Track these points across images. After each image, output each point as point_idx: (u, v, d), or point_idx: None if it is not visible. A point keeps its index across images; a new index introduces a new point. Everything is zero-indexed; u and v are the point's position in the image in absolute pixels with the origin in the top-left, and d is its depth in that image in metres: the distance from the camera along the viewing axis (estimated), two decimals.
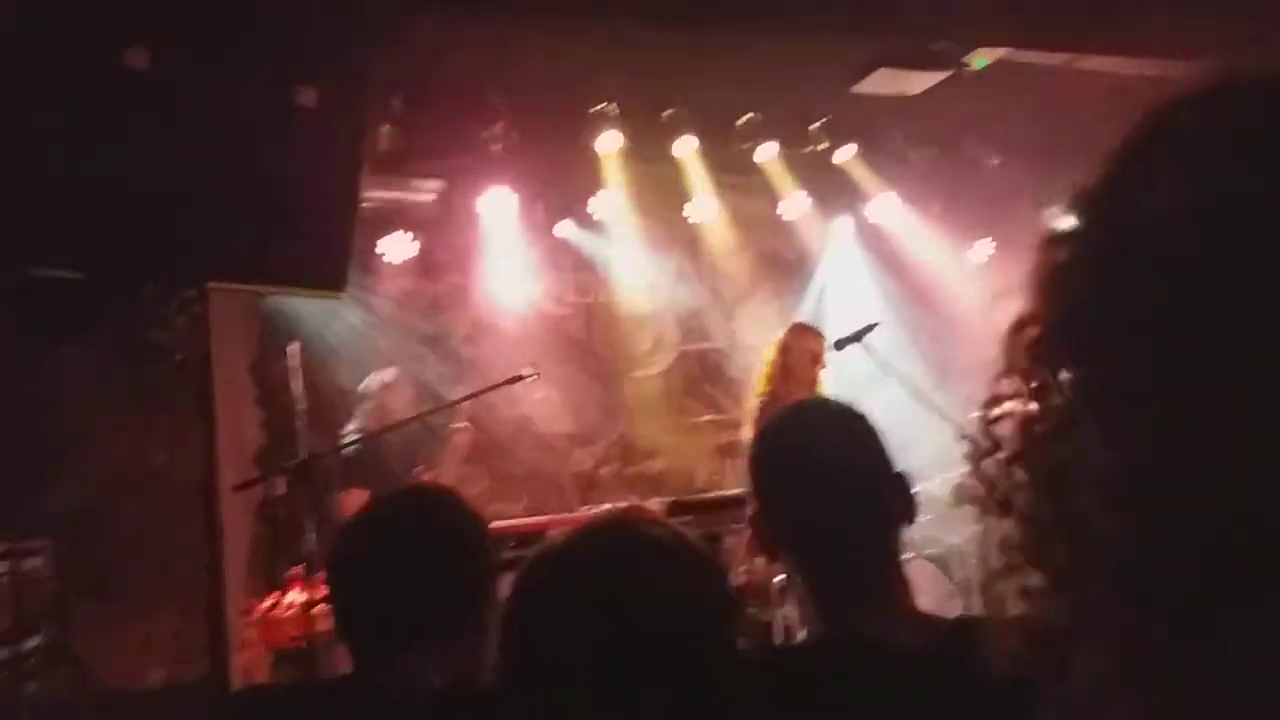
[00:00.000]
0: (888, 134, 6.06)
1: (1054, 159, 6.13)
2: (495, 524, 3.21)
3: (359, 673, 1.50)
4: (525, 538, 3.10)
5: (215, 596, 3.69)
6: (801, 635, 1.72)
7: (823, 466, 1.40)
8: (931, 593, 4.58)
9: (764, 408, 4.29)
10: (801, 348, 4.34)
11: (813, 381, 4.30)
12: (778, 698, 1.27)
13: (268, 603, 3.64)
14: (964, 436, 4.09)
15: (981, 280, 6.42)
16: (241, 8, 3.61)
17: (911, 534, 1.49)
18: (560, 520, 4.49)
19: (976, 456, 0.60)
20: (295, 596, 3.55)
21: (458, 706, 1.44)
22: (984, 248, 6.50)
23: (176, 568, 4.18)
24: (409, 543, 1.53)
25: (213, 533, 4.02)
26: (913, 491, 1.43)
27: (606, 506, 4.71)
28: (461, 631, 1.51)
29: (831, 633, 1.36)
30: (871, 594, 1.36)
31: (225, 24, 3.58)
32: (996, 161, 6.23)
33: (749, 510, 1.50)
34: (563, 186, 5.84)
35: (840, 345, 4.26)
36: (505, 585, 1.20)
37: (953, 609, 4.35)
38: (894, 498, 1.42)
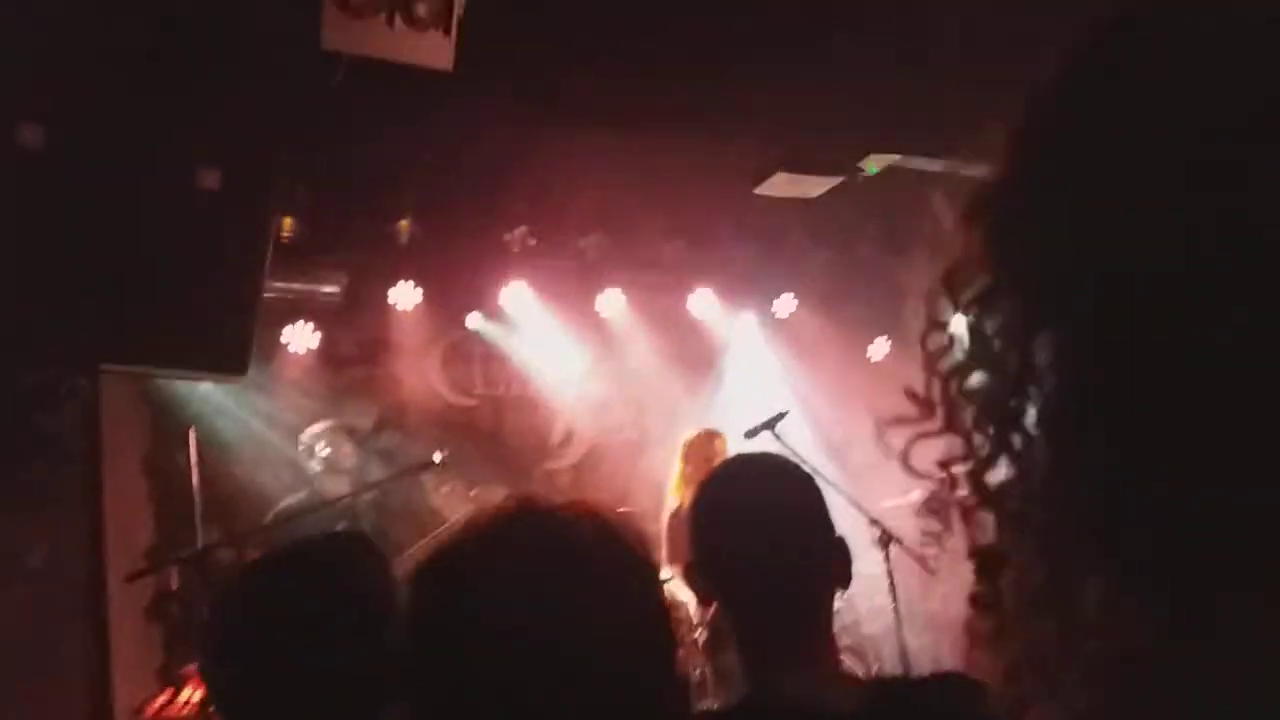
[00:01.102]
0: (789, 234, 6.30)
1: (943, 260, 6.45)
2: None
3: None
4: None
5: (102, 698, 3.46)
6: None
7: (761, 521, 1.38)
8: None
9: (672, 518, 4.38)
10: (705, 453, 4.47)
11: None
12: None
13: (161, 700, 3.44)
14: (872, 523, 4.19)
15: (879, 377, 6.63)
16: (144, 86, 3.55)
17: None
18: None
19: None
20: (191, 694, 3.37)
21: None
22: (881, 346, 6.73)
23: (60, 669, 3.91)
24: (301, 617, 1.30)
25: (99, 633, 3.79)
26: (849, 557, 1.43)
27: None
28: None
29: (759, 692, 1.36)
30: (802, 655, 1.36)
31: (126, 102, 3.53)
32: (889, 260, 6.51)
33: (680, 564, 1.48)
34: (471, 279, 5.87)
35: (751, 434, 4.34)
36: None
37: None
38: (831, 560, 1.42)
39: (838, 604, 1.43)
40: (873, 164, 5.05)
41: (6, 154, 3.34)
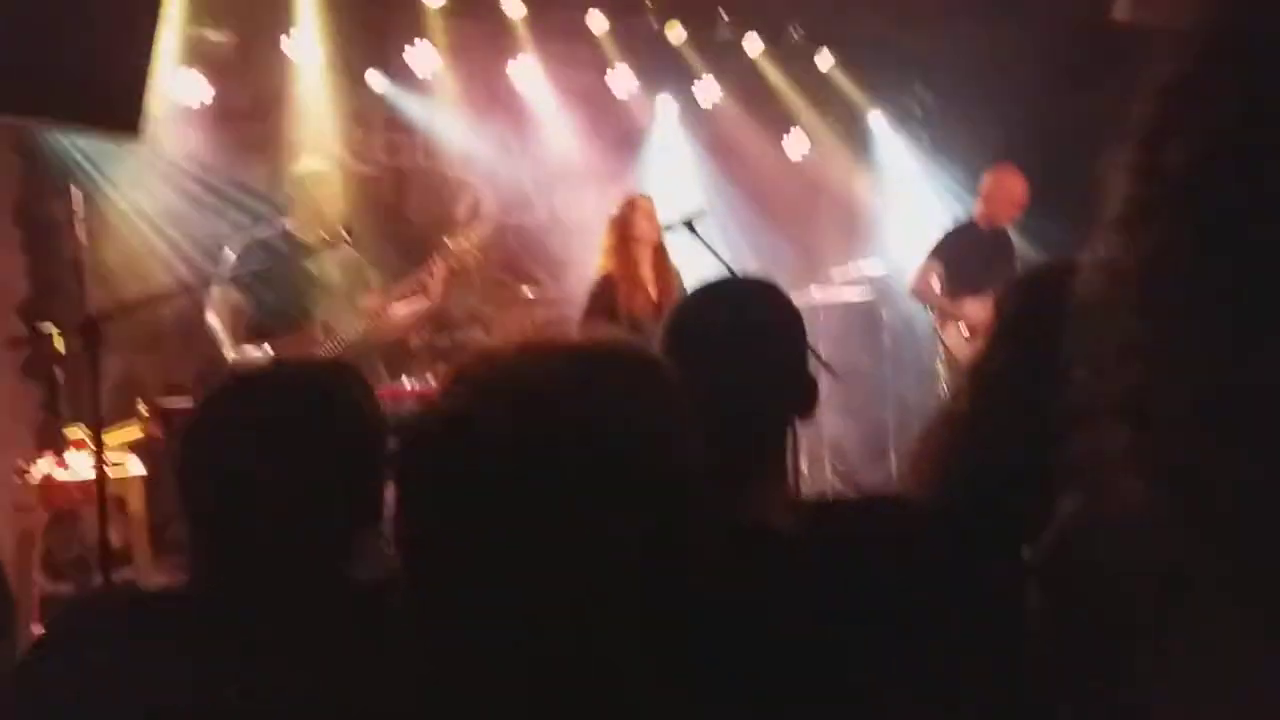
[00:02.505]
0: (716, 17, 6.02)
1: (875, 57, 6.32)
2: None
3: (223, 576, 1.27)
4: None
5: None
6: None
7: (738, 350, 1.34)
8: None
9: (601, 284, 4.27)
10: (629, 216, 4.31)
11: (642, 246, 4.29)
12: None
13: (46, 463, 3.34)
14: None
15: (797, 171, 6.59)
16: None
17: None
18: (381, 392, 4.31)
19: None
20: (78, 458, 3.27)
21: (358, 607, 1.24)
22: (798, 140, 6.63)
23: None
24: (294, 428, 1.28)
25: None
26: (817, 390, 1.41)
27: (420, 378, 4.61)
28: (359, 529, 1.32)
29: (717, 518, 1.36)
30: (753, 479, 1.36)
31: None
32: (824, 57, 6.34)
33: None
34: (376, 33, 5.45)
35: (667, 229, 4.28)
36: None
37: None
38: (801, 395, 1.39)
39: None
40: None
41: None
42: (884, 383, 6.19)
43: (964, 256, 5.03)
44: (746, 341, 1.36)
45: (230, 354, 3.84)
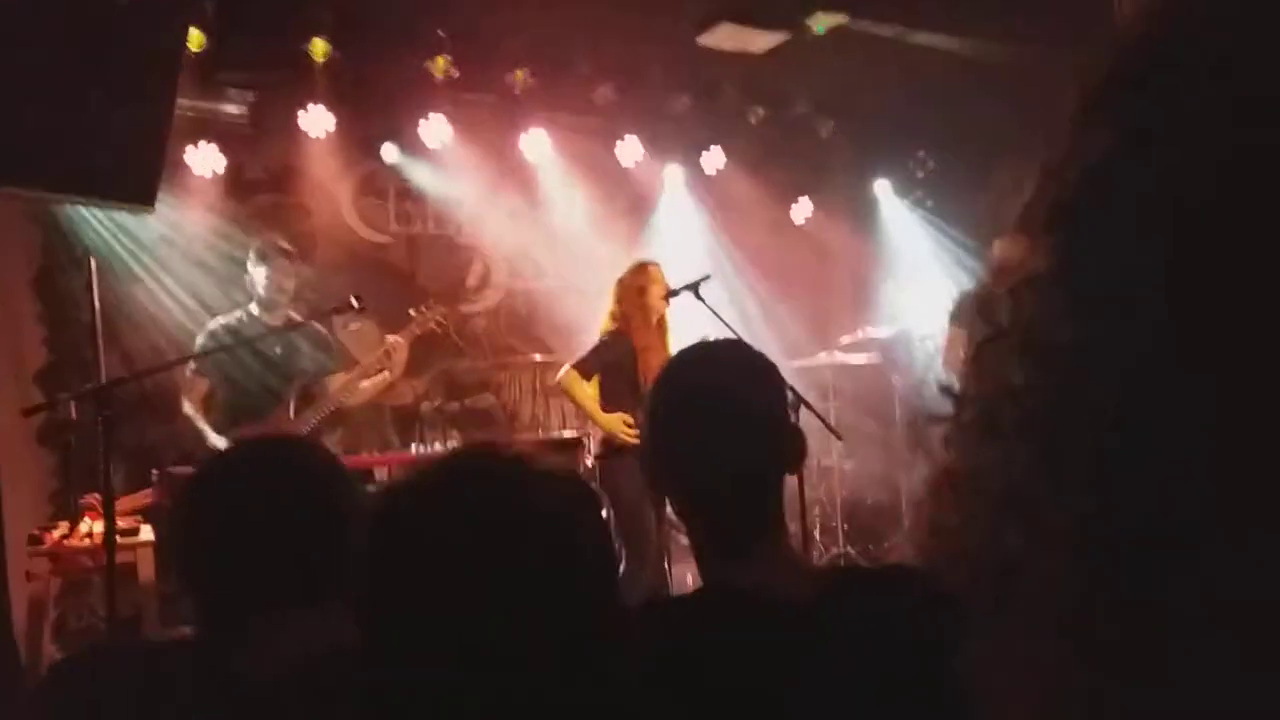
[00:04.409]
0: (723, 89, 6.14)
1: (877, 126, 6.43)
2: None
3: (206, 639, 1.36)
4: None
5: None
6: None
7: (718, 407, 1.35)
8: None
9: (615, 339, 4.28)
10: (644, 285, 4.33)
11: (655, 315, 4.32)
12: (656, 650, 1.25)
13: (59, 532, 3.35)
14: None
15: (802, 238, 6.67)
16: None
17: None
18: (387, 459, 4.35)
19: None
20: (90, 526, 3.29)
21: (319, 676, 1.32)
22: (804, 207, 6.73)
23: None
24: (270, 496, 1.39)
25: None
26: (805, 444, 1.43)
27: (435, 448, 4.63)
28: (323, 595, 1.40)
29: (713, 583, 1.37)
30: (755, 543, 1.37)
31: None
32: (828, 127, 6.44)
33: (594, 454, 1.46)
34: (388, 108, 5.58)
35: (672, 295, 4.31)
36: None
37: None
38: (787, 448, 1.41)
39: None
40: (821, 23, 4.88)
41: None
42: (897, 447, 6.19)
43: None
44: (723, 400, 1.37)
45: (212, 440, 3.89)
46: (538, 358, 5.60)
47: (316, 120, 5.31)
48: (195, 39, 4.52)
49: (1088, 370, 0.41)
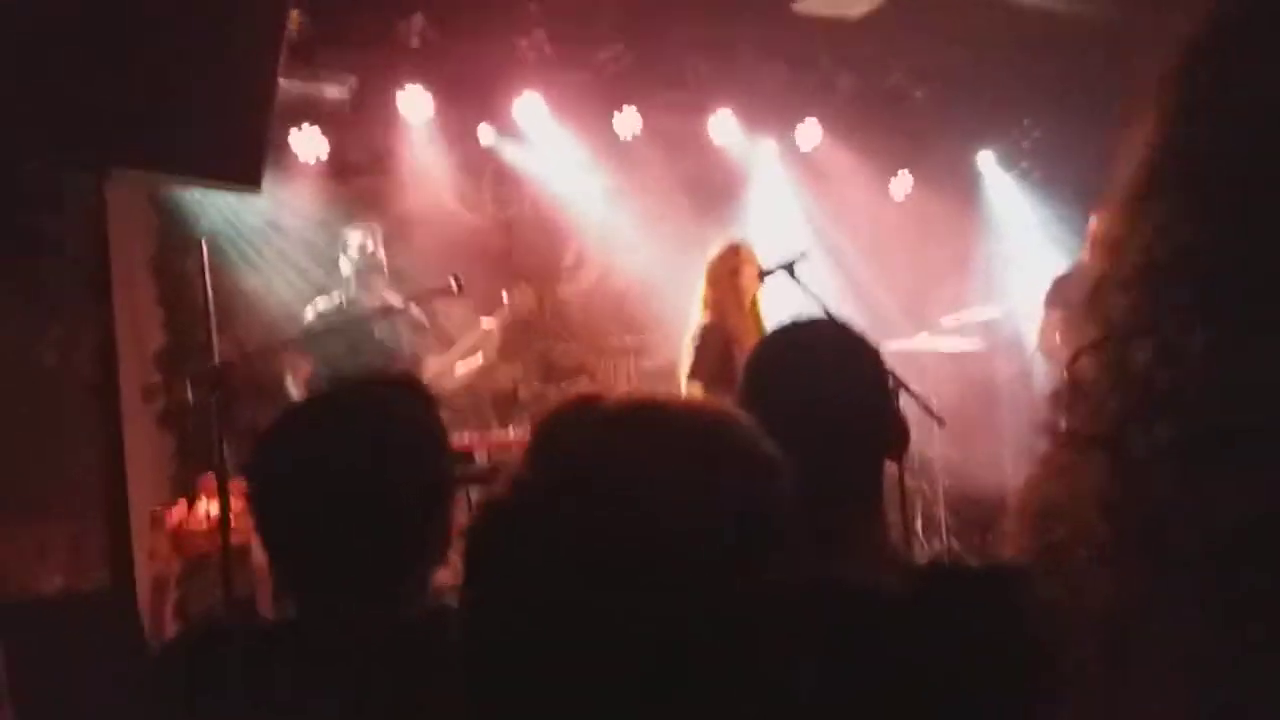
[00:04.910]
0: (818, 59, 6.02)
1: (978, 94, 6.22)
2: None
3: (301, 613, 1.33)
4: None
5: (115, 502, 3.51)
6: None
7: (813, 391, 1.30)
8: None
9: (710, 332, 4.24)
10: (736, 266, 4.28)
11: (749, 298, 4.27)
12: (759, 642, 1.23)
13: (179, 512, 3.50)
14: None
15: (901, 213, 6.50)
16: None
17: None
18: (488, 441, 4.42)
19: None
20: (208, 507, 3.43)
21: (418, 642, 1.26)
22: (903, 181, 6.56)
23: (72, 472, 3.97)
24: (355, 456, 1.28)
25: (111, 435, 3.82)
26: (908, 432, 1.38)
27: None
28: (417, 563, 1.34)
29: (816, 575, 1.34)
30: (858, 535, 1.34)
31: None
32: (927, 96, 6.25)
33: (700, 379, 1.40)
34: (484, 89, 5.63)
35: (767, 274, 4.24)
36: None
37: None
38: (888, 434, 1.36)
39: None
40: None
41: None
42: (1002, 437, 5.90)
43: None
44: (823, 383, 1.32)
45: None
46: (630, 341, 5.60)
47: (414, 102, 5.38)
48: (294, 19, 4.62)
49: (1237, 381, 0.38)
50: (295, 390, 4.12)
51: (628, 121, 5.84)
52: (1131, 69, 5.21)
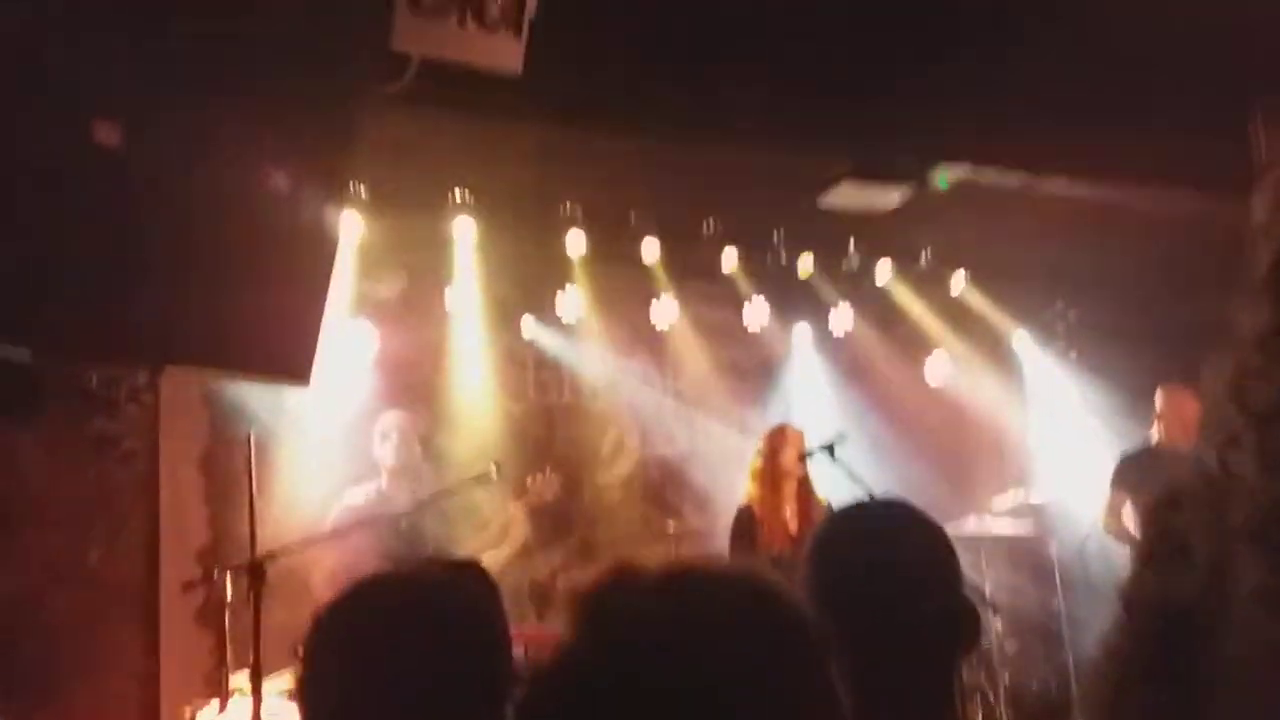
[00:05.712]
0: (849, 247, 6.17)
1: (1012, 280, 6.32)
2: None
3: None
4: None
5: (151, 703, 3.45)
6: None
7: (885, 578, 1.25)
8: None
9: (742, 519, 4.25)
10: (778, 447, 4.32)
11: (789, 479, 4.27)
12: None
13: (210, 712, 3.41)
14: None
15: (939, 396, 6.48)
16: (223, 84, 3.52)
17: None
18: (524, 634, 4.31)
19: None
20: (242, 704, 3.34)
21: None
22: (939, 362, 6.57)
23: (109, 670, 3.91)
24: (412, 636, 1.25)
25: (150, 635, 3.80)
26: (979, 618, 1.29)
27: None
28: None
29: None
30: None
31: (201, 100, 3.50)
32: (959, 280, 6.33)
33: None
34: (528, 285, 5.83)
35: (807, 456, 4.26)
36: None
37: None
38: (960, 625, 1.27)
39: None
40: (944, 178, 4.89)
41: (81, 150, 3.32)
42: (1060, 624, 5.62)
43: (1150, 484, 4.58)
44: (891, 571, 1.25)
45: None
46: (670, 525, 5.53)
47: (462, 297, 5.57)
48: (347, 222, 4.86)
49: None
50: (320, 587, 4.07)
51: (665, 310, 5.98)
52: (1163, 253, 5.28)
